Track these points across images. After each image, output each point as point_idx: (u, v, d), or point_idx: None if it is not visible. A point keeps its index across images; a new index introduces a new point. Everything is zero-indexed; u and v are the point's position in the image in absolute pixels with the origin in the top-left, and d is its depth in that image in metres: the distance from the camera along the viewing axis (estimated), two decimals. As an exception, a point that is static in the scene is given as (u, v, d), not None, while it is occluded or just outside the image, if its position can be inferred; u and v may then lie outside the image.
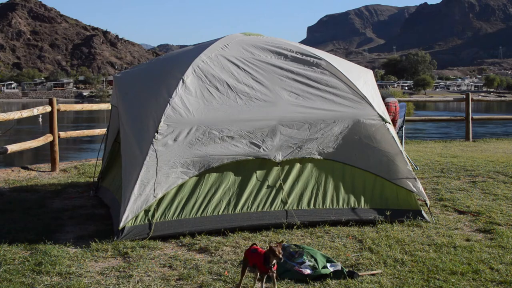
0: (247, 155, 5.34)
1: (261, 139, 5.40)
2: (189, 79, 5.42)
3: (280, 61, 5.85)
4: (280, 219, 5.31)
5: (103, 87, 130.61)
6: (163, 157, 5.07)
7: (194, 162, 5.18)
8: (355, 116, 5.67)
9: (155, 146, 5.07)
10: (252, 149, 5.36)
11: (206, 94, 5.40)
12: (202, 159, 5.20)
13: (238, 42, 5.99)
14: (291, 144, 5.48)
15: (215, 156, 5.23)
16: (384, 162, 5.65)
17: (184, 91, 5.34)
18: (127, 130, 5.61)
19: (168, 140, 5.12)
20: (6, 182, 7.94)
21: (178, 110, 5.23)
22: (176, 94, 5.29)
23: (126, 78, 6.71)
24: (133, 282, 3.98)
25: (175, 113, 5.20)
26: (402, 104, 9.55)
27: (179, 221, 5.06)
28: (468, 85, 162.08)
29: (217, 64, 5.64)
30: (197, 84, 5.43)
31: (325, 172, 5.60)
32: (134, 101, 5.87)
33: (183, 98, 5.30)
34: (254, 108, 5.46)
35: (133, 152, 5.26)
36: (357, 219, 5.47)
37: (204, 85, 5.45)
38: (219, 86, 5.48)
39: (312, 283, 3.98)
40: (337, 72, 5.84)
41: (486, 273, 4.16)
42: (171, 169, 5.10)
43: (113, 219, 5.49)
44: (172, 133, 5.14)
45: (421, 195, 5.66)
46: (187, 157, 5.16)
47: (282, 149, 5.46)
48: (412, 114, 37.97)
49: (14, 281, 3.97)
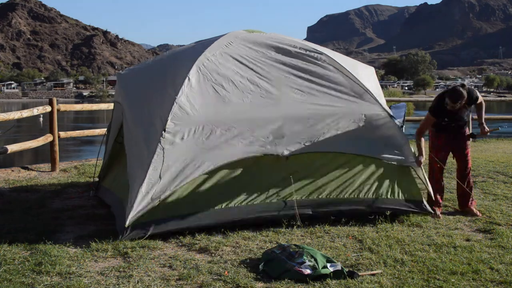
0: (255, 152, 5.35)
1: (268, 136, 5.41)
2: (195, 77, 5.44)
3: (285, 57, 5.88)
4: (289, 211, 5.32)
5: (103, 87, 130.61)
6: (171, 155, 5.07)
7: (201, 161, 5.18)
8: (361, 110, 5.73)
9: (163, 145, 5.07)
10: (259, 146, 5.37)
11: (212, 92, 5.42)
12: (209, 157, 5.20)
13: (242, 39, 6.01)
14: (299, 140, 5.51)
15: (222, 154, 5.23)
16: (391, 152, 5.71)
17: (190, 89, 5.35)
18: (133, 128, 5.61)
19: (176, 139, 5.13)
20: (6, 182, 7.94)
21: (185, 108, 5.24)
22: (182, 93, 5.29)
23: (130, 76, 6.74)
24: (133, 282, 3.98)
25: (182, 112, 5.21)
26: (402, 104, 9.53)
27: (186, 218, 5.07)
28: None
29: (222, 61, 5.66)
30: (202, 82, 5.44)
31: (333, 165, 5.61)
32: (139, 99, 5.88)
33: (189, 97, 5.31)
34: (260, 105, 5.49)
35: (140, 150, 5.27)
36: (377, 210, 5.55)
37: (210, 83, 5.47)
38: (225, 84, 5.50)
39: (312, 283, 3.98)
40: (341, 68, 5.89)
41: (486, 273, 4.16)
42: (179, 168, 5.10)
43: (116, 218, 5.48)
44: (180, 131, 5.16)
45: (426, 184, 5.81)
46: (194, 156, 5.16)
47: (290, 145, 5.47)
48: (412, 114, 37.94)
49: (14, 281, 3.97)
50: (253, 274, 4.14)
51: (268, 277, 4.10)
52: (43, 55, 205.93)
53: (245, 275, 4.12)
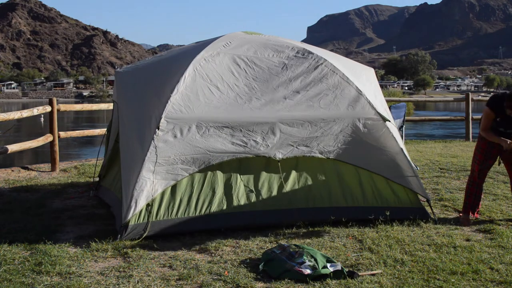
0: (247, 153, 5.35)
1: (261, 138, 5.41)
2: (191, 76, 5.45)
3: (281, 59, 5.88)
4: (280, 219, 5.32)
5: (103, 87, 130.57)
6: (164, 153, 5.10)
7: (194, 159, 5.21)
8: (355, 115, 5.67)
9: (156, 142, 5.09)
10: (252, 147, 5.37)
11: (207, 92, 5.43)
12: (202, 156, 5.22)
13: (240, 40, 6.04)
14: (291, 143, 5.49)
15: (215, 153, 5.25)
16: (384, 160, 5.66)
17: (185, 88, 5.36)
18: (128, 126, 5.63)
19: (169, 137, 5.14)
20: (6, 182, 7.94)
21: (179, 107, 5.25)
22: (177, 91, 5.31)
23: (128, 74, 6.76)
24: (133, 282, 3.98)
25: (176, 110, 5.23)
26: (402, 104, 9.55)
27: (180, 220, 5.07)
28: (468, 85, 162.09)
29: (219, 62, 5.67)
30: (198, 81, 5.45)
31: (326, 170, 5.60)
32: (135, 97, 5.90)
33: (184, 95, 5.32)
34: (255, 106, 5.47)
35: (134, 148, 5.28)
36: (358, 218, 5.47)
37: (205, 83, 5.47)
38: (220, 85, 5.50)
39: (312, 283, 3.98)
40: (338, 71, 5.87)
41: (486, 273, 4.16)
42: (171, 166, 5.12)
43: (115, 218, 5.49)
44: (173, 129, 5.17)
45: (422, 194, 5.67)
46: (187, 154, 5.18)
47: (282, 147, 5.46)
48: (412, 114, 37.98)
49: (14, 281, 3.97)
50: (253, 274, 4.15)
51: (268, 277, 4.10)
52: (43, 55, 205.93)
53: (245, 275, 4.12)
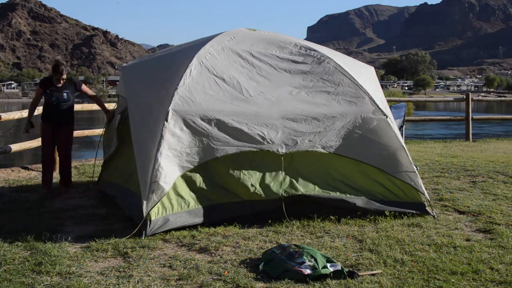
0: (251, 146, 5.43)
1: (265, 132, 5.48)
2: (196, 70, 5.54)
3: (285, 55, 5.99)
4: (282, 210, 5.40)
5: (103, 87, 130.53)
6: (171, 145, 5.17)
7: (199, 151, 5.29)
8: (357, 111, 5.74)
9: (163, 135, 5.14)
10: (257, 141, 5.44)
11: (213, 85, 5.51)
12: (207, 148, 5.31)
13: (244, 36, 6.15)
14: (294, 137, 5.56)
15: (220, 146, 5.34)
16: (385, 156, 5.72)
17: (192, 81, 5.45)
18: (137, 119, 5.72)
19: (175, 129, 5.21)
20: (6, 182, 7.94)
21: (186, 99, 5.33)
22: (184, 84, 5.39)
23: (134, 68, 6.88)
24: (133, 282, 3.98)
25: (183, 103, 5.30)
26: (402, 104, 9.56)
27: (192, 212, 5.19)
28: (468, 85, 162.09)
29: (224, 56, 5.78)
30: (204, 75, 5.54)
31: (328, 165, 5.65)
32: (143, 91, 6.01)
33: (191, 88, 5.41)
34: (259, 100, 5.57)
35: (145, 141, 5.36)
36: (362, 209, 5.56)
37: (211, 76, 5.57)
38: (226, 78, 5.60)
39: (312, 283, 3.98)
40: (340, 68, 5.96)
41: (486, 273, 4.16)
42: (178, 157, 5.20)
43: (130, 210, 5.52)
44: (179, 122, 5.24)
45: (420, 190, 5.74)
46: (192, 146, 5.27)
47: (286, 141, 5.53)
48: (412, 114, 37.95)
49: (14, 281, 3.97)
50: (253, 274, 4.14)
51: (268, 277, 4.10)
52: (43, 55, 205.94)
53: (245, 275, 4.12)
